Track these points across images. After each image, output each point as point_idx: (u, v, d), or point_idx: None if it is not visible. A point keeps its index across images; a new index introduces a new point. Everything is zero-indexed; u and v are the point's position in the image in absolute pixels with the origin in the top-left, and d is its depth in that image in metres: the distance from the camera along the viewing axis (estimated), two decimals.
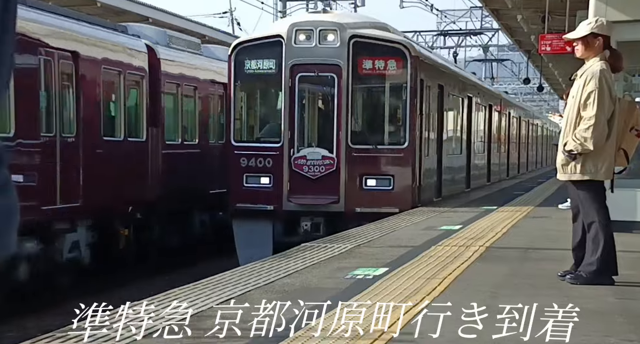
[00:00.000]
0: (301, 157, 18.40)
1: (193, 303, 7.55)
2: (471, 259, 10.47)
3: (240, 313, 7.06)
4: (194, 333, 6.31)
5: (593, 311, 7.31)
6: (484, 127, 30.86)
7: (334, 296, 7.83)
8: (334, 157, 18.35)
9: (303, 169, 18.32)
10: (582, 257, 8.69)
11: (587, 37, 8.56)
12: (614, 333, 6.54)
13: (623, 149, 8.70)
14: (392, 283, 8.67)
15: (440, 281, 8.73)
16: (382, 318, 6.70)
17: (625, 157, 8.76)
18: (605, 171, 8.54)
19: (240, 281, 8.82)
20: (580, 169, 8.47)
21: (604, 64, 8.46)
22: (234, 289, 8.31)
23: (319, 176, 18.31)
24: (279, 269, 9.60)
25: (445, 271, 9.47)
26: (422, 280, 8.81)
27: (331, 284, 8.62)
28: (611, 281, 8.56)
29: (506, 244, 12.17)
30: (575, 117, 8.47)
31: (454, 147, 25.52)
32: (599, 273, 8.54)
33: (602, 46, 8.53)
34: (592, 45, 8.54)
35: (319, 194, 18.26)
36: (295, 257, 10.65)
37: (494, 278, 9.14)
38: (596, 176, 8.51)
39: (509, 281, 8.98)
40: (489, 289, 8.40)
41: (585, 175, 8.48)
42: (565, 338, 6.19)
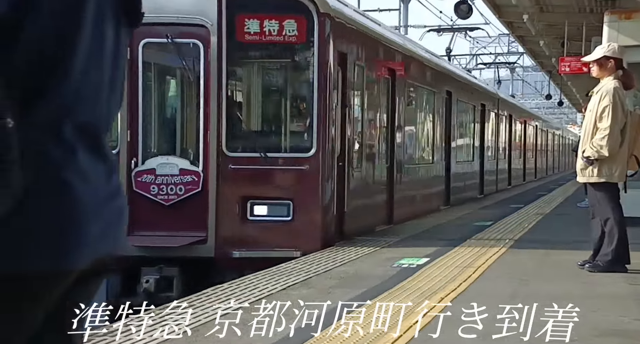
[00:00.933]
0: (147, 172, 10.53)
1: (265, 286, 7.60)
2: (502, 251, 10.43)
3: (305, 293, 7.13)
4: (261, 314, 6.33)
5: (609, 295, 7.31)
6: (475, 129, 24.03)
7: (384, 281, 7.85)
8: (199, 172, 10.51)
9: (150, 189, 10.45)
10: (599, 249, 8.67)
11: (601, 59, 8.59)
12: (627, 313, 6.51)
13: (634, 155, 8.73)
14: (433, 270, 8.67)
15: (474, 270, 8.72)
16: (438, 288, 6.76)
17: (637, 162, 8.79)
18: (619, 174, 8.53)
19: (303, 269, 8.79)
20: (597, 173, 8.48)
21: (617, 82, 8.48)
22: (298, 276, 8.31)
23: (175, 201, 10.44)
24: (335, 259, 9.56)
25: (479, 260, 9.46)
26: (459, 268, 8.81)
27: (380, 272, 8.60)
28: (624, 269, 8.53)
29: (532, 238, 12.08)
30: (592, 128, 8.49)
31: (437, 152, 18.67)
32: (613, 262, 8.54)
33: (614, 67, 8.55)
34: (605, 66, 8.56)
35: (175, 230, 10.34)
36: (349, 249, 10.59)
37: (522, 266, 9.10)
38: (611, 178, 8.50)
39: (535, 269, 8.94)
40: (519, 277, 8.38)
41: (602, 178, 8.48)
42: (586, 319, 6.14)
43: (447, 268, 8.87)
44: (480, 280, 8.04)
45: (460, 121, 21.82)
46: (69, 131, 1.51)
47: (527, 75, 58.89)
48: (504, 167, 28.69)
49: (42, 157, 1.46)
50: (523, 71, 56.30)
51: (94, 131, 1.59)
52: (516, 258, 9.89)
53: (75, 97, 1.54)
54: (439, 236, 12.38)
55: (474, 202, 20.78)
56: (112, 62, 1.65)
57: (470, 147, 23.37)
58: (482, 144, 24.62)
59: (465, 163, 22.22)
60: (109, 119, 1.67)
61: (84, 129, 1.55)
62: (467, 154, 22.85)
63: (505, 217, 15.60)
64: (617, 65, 8.57)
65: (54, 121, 1.50)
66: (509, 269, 8.94)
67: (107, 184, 1.61)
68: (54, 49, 1.51)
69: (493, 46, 49.04)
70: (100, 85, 1.62)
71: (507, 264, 9.27)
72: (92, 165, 1.56)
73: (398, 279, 8.00)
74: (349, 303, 6.63)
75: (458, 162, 20.74)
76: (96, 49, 1.59)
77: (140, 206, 10.04)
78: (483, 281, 8.01)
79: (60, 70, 1.52)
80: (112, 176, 1.64)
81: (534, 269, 8.98)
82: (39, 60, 1.49)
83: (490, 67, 43.61)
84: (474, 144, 23.76)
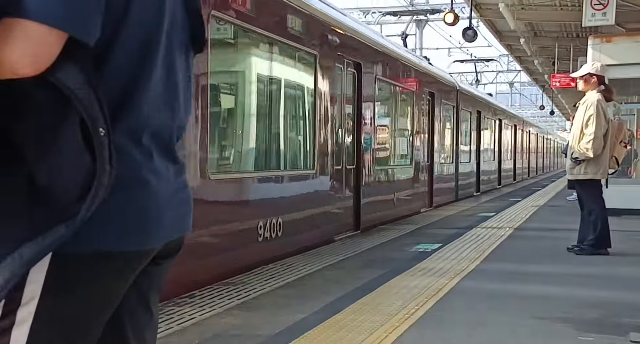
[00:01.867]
0: None
1: (306, 266, 7.64)
2: (504, 237, 10.46)
3: (340, 274, 7.22)
4: (308, 287, 6.45)
5: (592, 274, 7.33)
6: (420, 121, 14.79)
7: (405, 262, 7.92)
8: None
9: None
10: (585, 235, 8.69)
11: (586, 76, 8.59)
12: (607, 289, 6.53)
13: (614, 157, 8.74)
14: (446, 253, 8.73)
15: (480, 253, 8.76)
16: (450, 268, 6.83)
17: (616, 162, 8.79)
18: (602, 173, 8.54)
19: (336, 252, 8.78)
20: (584, 171, 8.48)
21: (600, 95, 8.48)
22: (332, 257, 8.32)
23: None
24: (362, 244, 9.52)
25: (483, 245, 9.49)
26: (467, 251, 8.86)
27: (399, 256, 8.59)
28: (607, 252, 8.54)
29: (529, 226, 12.10)
30: (579, 133, 8.49)
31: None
32: (597, 247, 8.55)
33: (597, 83, 8.55)
34: (589, 82, 8.57)
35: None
36: (373, 235, 10.66)
37: (520, 250, 9.14)
38: (595, 176, 8.50)
39: (532, 252, 8.98)
40: (518, 258, 8.43)
41: (587, 175, 8.48)
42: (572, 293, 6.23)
43: (456, 251, 8.88)
44: (485, 262, 8.07)
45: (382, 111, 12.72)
46: (146, 138, 1.55)
47: (523, 89, 58.69)
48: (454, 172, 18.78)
49: (127, 158, 1.50)
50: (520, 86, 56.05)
51: (166, 138, 1.62)
52: (516, 242, 9.86)
53: (150, 110, 1.56)
54: (449, 225, 12.37)
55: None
56: (181, 80, 1.69)
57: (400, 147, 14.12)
58: (430, 146, 15.85)
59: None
60: (179, 129, 1.70)
61: (157, 136, 1.59)
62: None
63: (506, 209, 15.59)
64: (599, 81, 8.56)
65: (135, 130, 1.53)
66: (511, 251, 8.93)
67: (176, 181, 1.65)
68: (137, 71, 1.54)
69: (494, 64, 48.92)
70: (170, 100, 1.64)
71: (509, 248, 9.25)
72: (164, 165, 1.60)
73: (415, 261, 8.02)
74: (374, 281, 6.77)
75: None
76: (167, 71, 1.62)
77: None
78: (488, 263, 8.03)
79: (140, 88, 1.54)
80: (181, 175, 1.69)
81: (530, 252, 8.98)
82: (125, 80, 1.52)
83: (493, 83, 41.00)
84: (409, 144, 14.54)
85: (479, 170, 22.05)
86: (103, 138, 1.41)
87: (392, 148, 13.39)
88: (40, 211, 1.43)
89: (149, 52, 1.56)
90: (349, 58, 10.56)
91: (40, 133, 1.41)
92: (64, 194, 1.41)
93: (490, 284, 6.64)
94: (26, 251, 1.41)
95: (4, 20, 1.37)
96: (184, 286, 5.95)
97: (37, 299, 1.45)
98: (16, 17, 1.36)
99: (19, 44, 1.36)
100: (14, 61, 1.36)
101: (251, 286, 6.45)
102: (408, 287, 6.47)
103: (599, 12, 13.73)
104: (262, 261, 7.62)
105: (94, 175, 1.41)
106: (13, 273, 1.40)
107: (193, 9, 1.72)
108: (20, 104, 1.42)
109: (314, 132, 9.36)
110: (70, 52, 1.41)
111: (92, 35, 1.43)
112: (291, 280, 6.83)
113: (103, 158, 1.41)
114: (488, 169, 23.74)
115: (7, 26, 1.36)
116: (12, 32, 1.36)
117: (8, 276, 1.40)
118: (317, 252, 8.80)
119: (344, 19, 10.88)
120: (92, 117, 1.40)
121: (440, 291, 6.29)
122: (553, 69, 24.07)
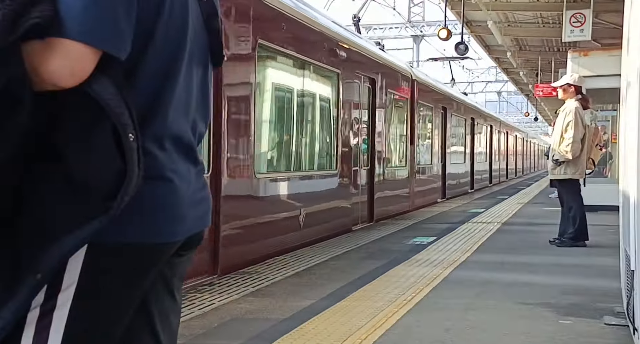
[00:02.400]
0: None
1: (313, 257, 7.64)
2: (492, 231, 10.47)
3: (344, 264, 7.24)
4: (316, 276, 6.48)
5: (572, 264, 7.33)
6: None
7: (403, 254, 7.94)
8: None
9: None
10: (565, 229, 8.69)
11: (565, 85, 8.61)
12: (585, 277, 6.54)
13: (591, 159, 8.73)
14: (440, 245, 8.75)
15: (471, 246, 8.77)
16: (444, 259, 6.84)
17: (593, 163, 8.78)
18: (580, 173, 8.54)
19: (341, 244, 8.77)
20: (564, 172, 8.48)
21: (577, 103, 8.48)
22: (337, 249, 8.31)
23: None
24: (363, 237, 9.49)
25: (474, 238, 9.50)
26: (459, 244, 8.87)
27: (398, 248, 8.59)
28: (584, 245, 8.52)
29: (515, 221, 12.09)
30: (559, 137, 8.49)
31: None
32: (576, 239, 8.55)
33: (574, 92, 8.56)
34: (568, 91, 8.58)
35: None
36: (373, 230, 10.67)
37: (507, 243, 9.14)
38: (574, 176, 8.50)
39: (518, 244, 8.98)
40: (506, 250, 8.44)
41: (567, 175, 8.48)
42: (554, 281, 6.24)
43: (449, 244, 8.90)
44: (476, 253, 8.07)
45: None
46: (169, 143, 1.57)
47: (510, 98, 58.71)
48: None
49: (153, 160, 1.52)
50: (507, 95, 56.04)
51: (186, 142, 1.63)
52: (503, 236, 9.85)
53: (174, 117, 1.58)
54: (443, 220, 12.37)
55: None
56: (200, 92, 1.71)
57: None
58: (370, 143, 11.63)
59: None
60: (199, 135, 1.72)
61: (178, 141, 1.60)
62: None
63: (494, 206, 15.57)
64: (577, 90, 8.57)
65: (160, 135, 1.55)
66: (499, 244, 8.93)
67: (197, 181, 1.66)
68: (163, 83, 1.56)
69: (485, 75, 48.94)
70: (190, 109, 1.66)
71: (497, 241, 9.24)
72: (185, 167, 1.61)
73: (412, 253, 8.02)
74: (375, 270, 6.79)
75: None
76: (188, 83, 1.64)
77: None
78: (478, 254, 8.04)
79: (165, 98, 1.56)
80: (201, 176, 1.71)
81: (516, 243, 8.97)
82: (152, 91, 1.54)
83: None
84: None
85: (445, 173, 18.06)
86: (132, 143, 1.44)
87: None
88: (78, 208, 1.45)
89: (173, 66, 1.58)
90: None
91: (77, 137, 1.44)
92: (98, 192, 1.44)
93: (480, 273, 6.65)
94: (66, 242, 1.44)
95: (48, 39, 1.41)
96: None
97: (75, 285, 1.47)
98: (57, 37, 1.41)
99: (59, 60, 1.40)
100: (56, 75, 1.41)
101: (264, 275, 6.48)
102: (406, 276, 6.49)
103: (577, 29, 13.77)
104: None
105: (124, 176, 1.44)
106: (53, 265, 1.44)
107: (213, 28, 1.74)
108: (61, 111, 1.46)
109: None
110: (104, 66, 1.45)
111: (123, 51, 1.47)
112: (300, 270, 6.84)
113: (132, 161, 1.44)
114: (455, 172, 19.53)
115: (50, 45, 1.41)
116: (54, 50, 1.41)
117: (51, 265, 1.44)
118: (323, 245, 8.82)
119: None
120: (123, 124, 1.43)
121: (435, 279, 6.31)
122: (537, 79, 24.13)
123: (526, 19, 17.48)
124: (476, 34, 19.92)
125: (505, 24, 17.88)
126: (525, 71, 25.16)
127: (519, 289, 5.89)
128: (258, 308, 5.12)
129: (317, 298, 5.47)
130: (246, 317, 4.86)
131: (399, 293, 5.69)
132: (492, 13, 16.32)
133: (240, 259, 6.89)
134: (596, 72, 12.02)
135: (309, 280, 6.29)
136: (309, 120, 9.26)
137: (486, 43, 21.37)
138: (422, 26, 33.59)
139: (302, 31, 8.70)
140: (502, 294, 5.65)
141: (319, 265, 7.17)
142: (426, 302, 5.36)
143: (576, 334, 4.45)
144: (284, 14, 8.10)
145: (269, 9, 7.66)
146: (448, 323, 4.70)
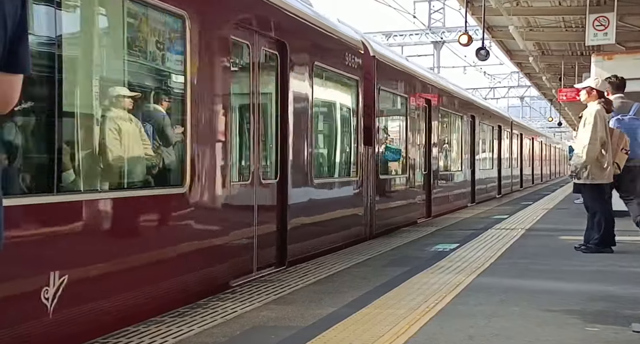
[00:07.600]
0: None
1: (335, 265, 7.63)
2: (516, 237, 10.38)
3: (366, 271, 7.21)
4: (337, 283, 6.45)
5: (598, 271, 7.25)
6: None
7: (425, 261, 7.89)
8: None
9: None
10: (590, 235, 8.59)
11: (588, 88, 8.55)
12: (612, 283, 6.46)
13: (616, 163, 8.62)
14: (463, 252, 8.68)
15: (495, 252, 8.70)
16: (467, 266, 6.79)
17: (618, 168, 8.66)
18: (607, 177, 8.45)
19: (363, 252, 8.79)
20: (589, 177, 8.40)
21: (600, 106, 8.41)
22: (359, 256, 8.33)
23: None
24: (386, 245, 9.50)
25: (497, 245, 9.42)
26: (483, 250, 8.80)
27: (420, 255, 8.57)
28: (611, 251, 8.44)
29: (539, 227, 11.99)
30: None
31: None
32: (602, 246, 8.46)
33: (597, 95, 8.49)
34: (590, 94, 8.52)
35: None
36: (396, 237, 10.64)
37: (532, 249, 9.06)
38: (601, 181, 8.41)
39: (542, 251, 8.90)
40: (530, 257, 8.36)
41: (589, 180, 8.40)
42: (580, 288, 6.15)
43: (472, 250, 8.85)
44: (500, 260, 8.01)
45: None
46: None
47: (533, 103, 58.35)
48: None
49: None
50: (530, 100, 55.71)
51: None
52: (527, 242, 9.79)
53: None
54: (466, 227, 12.31)
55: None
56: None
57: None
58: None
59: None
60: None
61: None
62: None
63: (518, 212, 15.46)
64: (599, 94, 8.53)
65: None
66: (523, 250, 8.86)
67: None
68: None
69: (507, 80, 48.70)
70: None
71: (521, 247, 9.18)
72: None
73: (435, 260, 8.00)
74: (397, 278, 6.75)
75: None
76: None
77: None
78: (502, 260, 7.97)
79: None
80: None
81: (541, 250, 8.91)
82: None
83: (505, 97, 38.83)
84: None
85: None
86: None
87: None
88: None
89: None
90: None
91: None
92: None
93: (504, 280, 6.58)
94: None
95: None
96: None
97: None
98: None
99: None
100: None
101: (286, 283, 6.47)
102: (428, 283, 6.44)
103: (601, 33, 13.65)
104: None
105: None
106: None
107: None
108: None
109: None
110: None
111: None
112: (322, 277, 6.83)
113: None
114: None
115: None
116: None
117: None
118: (345, 252, 8.80)
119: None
120: None
121: (457, 286, 6.26)
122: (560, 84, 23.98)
123: (548, 24, 17.39)
124: (497, 39, 19.85)
125: (527, 28, 17.79)
126: (548, 76, 25.04)
127: (544, 296, 5.82)
128: (280, 316, 5.10)
129: (339, 305, 5.44)
130: (268, 325, 4.84)
131: (422, 300, 5.64)
132: (513, 18, 16.27)
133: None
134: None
135: (331, 287, 6.26)
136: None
137: (508, 48, 21.30)
138: (443, 32, 33.57)
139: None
140: (527, 301, 5.58)
141: (341, 272, 7.14)
142: (449, 309, 5.31)
143: (603, 342, 4.38)
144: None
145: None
146: (472, 331, 4.64)
